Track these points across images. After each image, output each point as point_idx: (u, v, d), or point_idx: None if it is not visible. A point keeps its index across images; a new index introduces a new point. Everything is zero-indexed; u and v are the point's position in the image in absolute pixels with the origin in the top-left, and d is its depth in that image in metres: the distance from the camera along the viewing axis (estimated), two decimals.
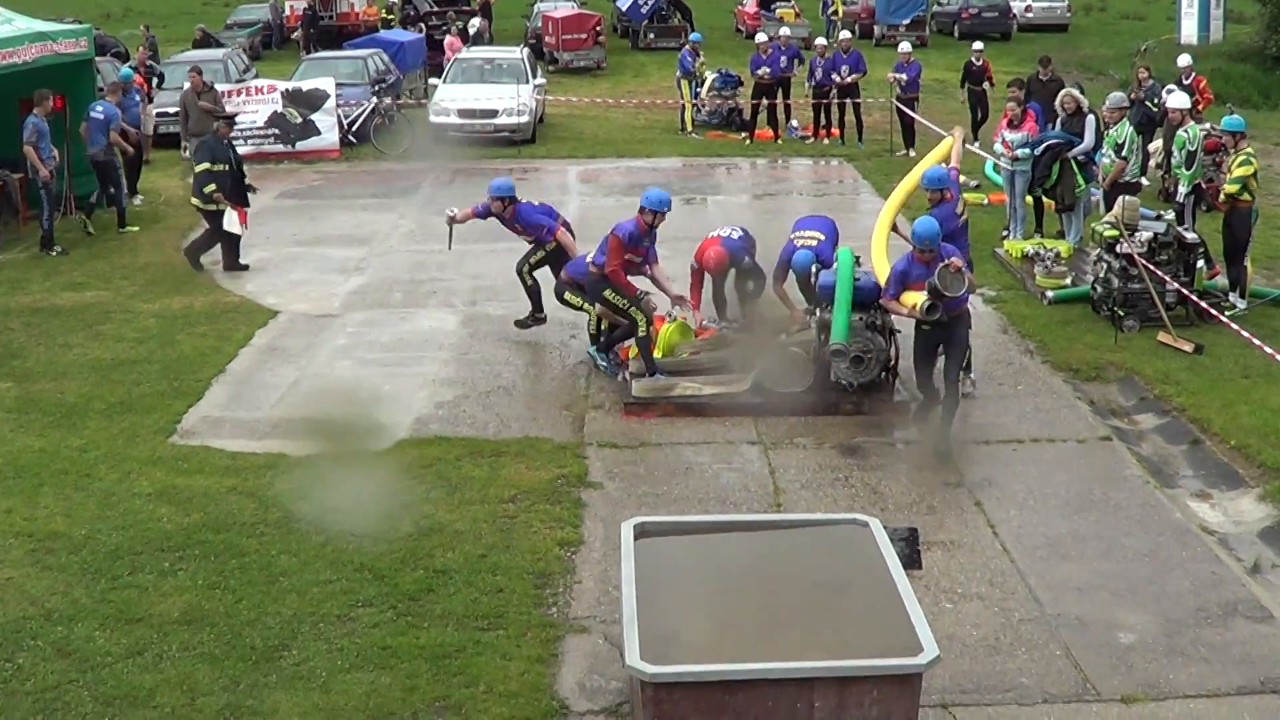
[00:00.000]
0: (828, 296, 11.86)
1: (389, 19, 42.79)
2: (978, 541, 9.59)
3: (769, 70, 25.95)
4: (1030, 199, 17.70)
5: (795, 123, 27.10)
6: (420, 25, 38.63)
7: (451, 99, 26.50)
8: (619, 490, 10.47)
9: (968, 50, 26.34)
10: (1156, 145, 19.76)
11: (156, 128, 24.02)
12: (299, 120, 24.82)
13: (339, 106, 25.28)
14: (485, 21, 39.62)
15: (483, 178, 22.18)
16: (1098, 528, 9.82)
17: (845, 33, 28.88)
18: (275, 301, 15.63)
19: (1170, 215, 14.83)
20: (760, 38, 27.20)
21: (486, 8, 42.27)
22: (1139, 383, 12.80)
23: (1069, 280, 15.61)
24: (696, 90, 28.09)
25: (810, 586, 7.37)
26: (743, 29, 44.80)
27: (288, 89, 25.16)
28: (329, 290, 16.15)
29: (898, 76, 25.17)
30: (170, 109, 23.77)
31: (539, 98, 27.92)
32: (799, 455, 11.18)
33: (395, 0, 45.18)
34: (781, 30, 29.77)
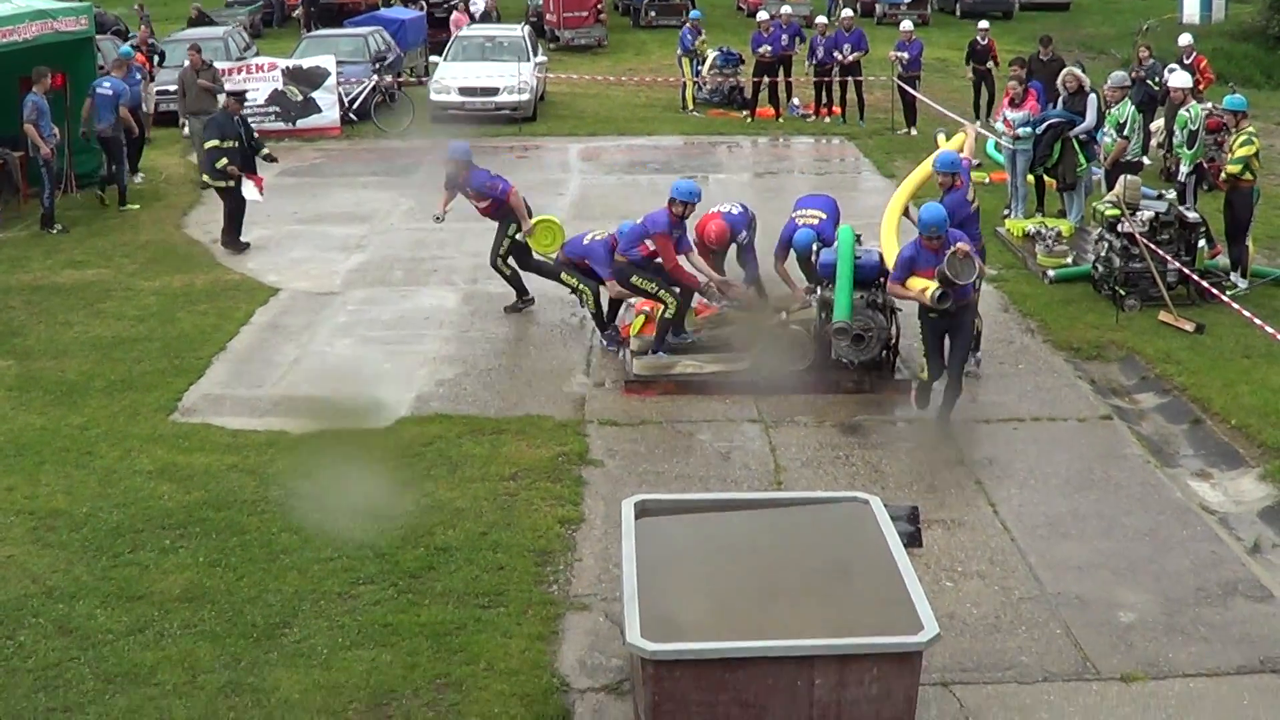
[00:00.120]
0: (829, 275, 11.85)
1: None
2: (978, 520, 9.61)
3: (770, 48, 25.85)
4: (1032, 178, 17.66)
5: (796, 101, 27.06)
6: (421, 3, 38.47)
7: (452, 77, 26.47)
8: (620, 468, 10.48)
9: (970, 29, 26.28)
10: (1158, 124, 19.74)
11: (157, 105, 23.98)
12: (300, 98, 24.80)
13: (340, 84, 25.25)
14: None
15: (483, 156, 22.28)
16: (1098, 507, 9.83)
17: (847, 11, 28.75)
18: (276, 279, 15.64)
19: (1172, 194, 14.82)
20: (762, 15, 27.06)
21: None
22: (1140, 362, 12.80)
23: (1070, 259, 15.59)
24: (698, 68, 28.06)
25: (811, 564, 7.38)
26: (744, 7, 44.69)
27: (288, 67, 25.14)
28: (330, 268, 16.15)
29: (899, 55, 25.08)
30: (170, 87, 23.71)
31: (540, 75, 27.89)
32: (800, 433, 11.18)
33: None
34: (783, 8, 29.71)
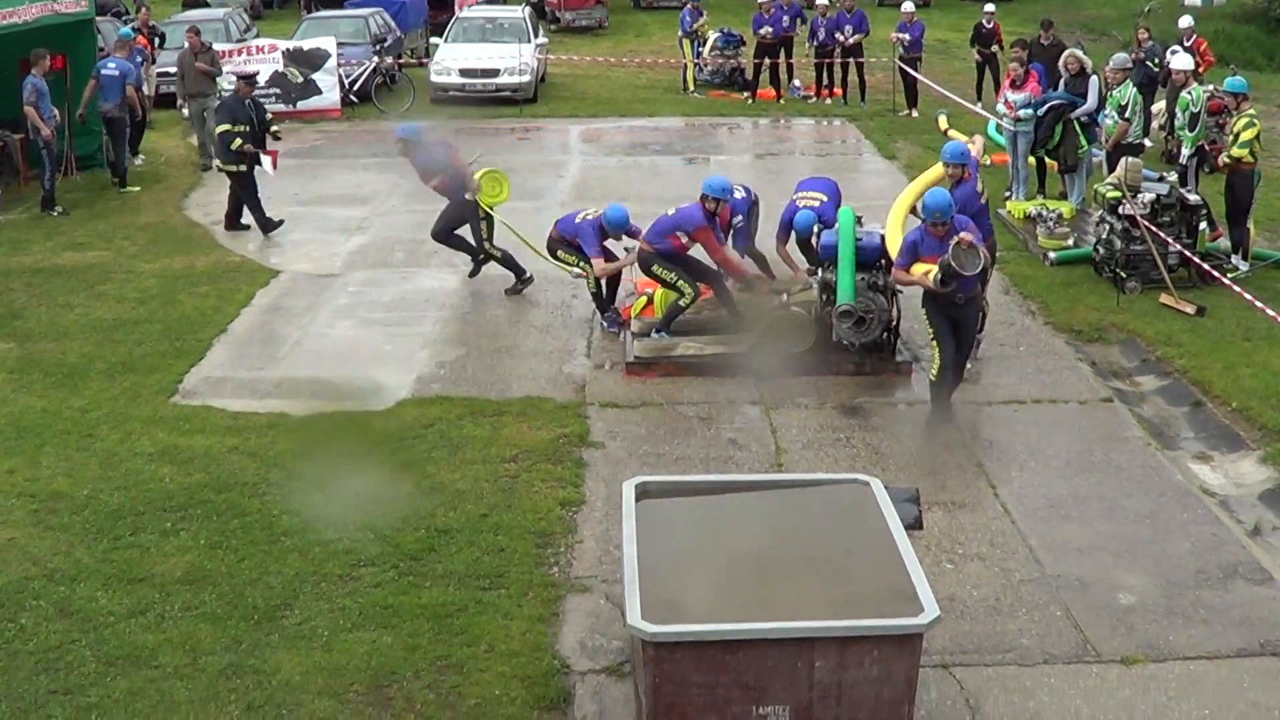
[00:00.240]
0: (830, 256, 11.84)
1: None
2: (979, 502, 9.61)
3: (771, 29, 25.80)
4: (1033, 160, 17.63)
5: (797, 82, 26.99)
6: None
7: (453, 58, 26.43)
8: (620, 450, 10.47)
9: (970, 10, 26.23)
10: (1159, 107, 19.70)
11: (158, 88, 23.92)
12: (300, 80, 24.76)
13: (340, 66, 25.20)
14: None
15: (484, 137, 22.29)
16: (1099, 489, 9.83)
17: None
18: (277, 261, 15.64)
19: (1173, 177, 14.78)
20: None
21: None
22: (1140, 344, 12.79)
23: (1071, 241, 15.57)
24: (698, 49, 27.99)
25: (811, 546, 7.37)
26: None
27: (289, 48, 25.09)
28: (330, 250, 16.13)
29: (900, 36, 25.05)
30: (170, 69, 23.64)
31: (541, 57, 27.83)
32: (800, 415, 11.18)
33: None
34: None
